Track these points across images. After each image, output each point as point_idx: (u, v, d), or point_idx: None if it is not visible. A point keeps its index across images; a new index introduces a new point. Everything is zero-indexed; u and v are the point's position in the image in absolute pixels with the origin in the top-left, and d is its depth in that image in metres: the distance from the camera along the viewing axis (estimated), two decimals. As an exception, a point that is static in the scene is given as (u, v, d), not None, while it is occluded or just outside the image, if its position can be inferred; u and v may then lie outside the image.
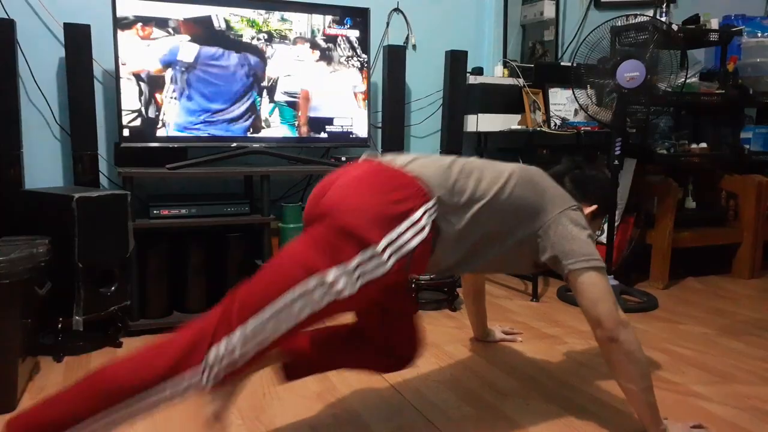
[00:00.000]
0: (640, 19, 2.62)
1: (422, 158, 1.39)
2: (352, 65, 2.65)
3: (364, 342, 1.53)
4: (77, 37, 2.24)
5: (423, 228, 1.24)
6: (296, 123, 2.58)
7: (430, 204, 1.28)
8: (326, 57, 2.59)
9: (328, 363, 1.60)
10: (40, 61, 2.40)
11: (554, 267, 1.45)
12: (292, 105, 2.56)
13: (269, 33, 2.47)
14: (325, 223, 1.23)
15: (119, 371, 1.14)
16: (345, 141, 2.69)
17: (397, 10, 3.03)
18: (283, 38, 2.50)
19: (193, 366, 1.12)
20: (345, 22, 2.61)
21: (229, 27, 2.40)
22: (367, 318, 1.52)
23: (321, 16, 2.56)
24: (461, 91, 2.88)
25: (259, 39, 2.45)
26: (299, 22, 2.52)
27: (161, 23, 2.29)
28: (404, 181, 1.29)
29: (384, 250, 1.19)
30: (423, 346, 1.58)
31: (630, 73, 2.44)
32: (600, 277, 1.40)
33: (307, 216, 1.34)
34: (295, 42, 2.52)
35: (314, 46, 2.56)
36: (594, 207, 1.61)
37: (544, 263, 1.48)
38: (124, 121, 2.29)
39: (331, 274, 1.16)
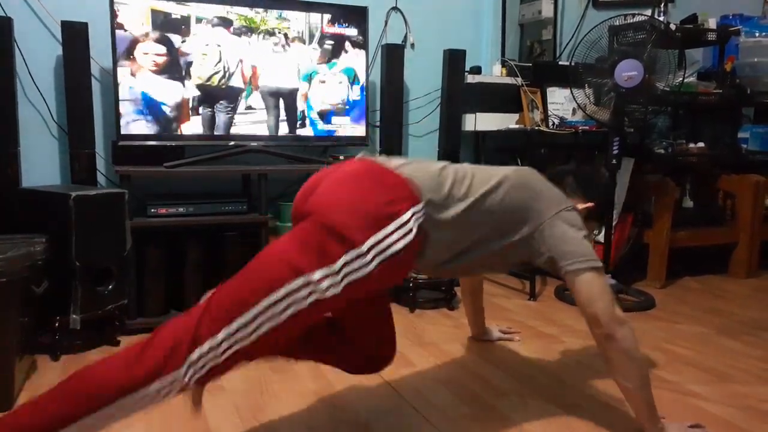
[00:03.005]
0: (638, 18, 2.62)
1: (415, 162, 1.39)
2: (351, 64, 2.64)
3: (339, 340, 1.53)
4: (75, 35, 2.23)
5: (410, 231, 1.23)
6: (294, 122, 2.57)
7: (418, 207, 1.27)
8: (324, 55, 2.59)
9: (299, 354, 1.58)
10: (38, 59, 2.40)
11: (551, 269, 1.46)
12: (291, 104, 2.55)
13: (267, 31, 2.47)
14: (313, 220, 1.22)
15: (102, 373, 1.13)
16: (343, 140, 2.69)
17: (395, 8, 3.03)
18: (282, 37, 2.50)
19: (176, 366, 1.11)
20: (343, 20, 2.60)
21: (227, 25, 2.39)
22: (343, 317, 1.52)
23: (319, 15, 2.56)
24: (459, 90, 2.88)
25: (257, 37, 2.45)
26: (297, 21, 2.52)
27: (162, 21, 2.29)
28: (395, 182, 1.29)
29: (369, 250, 1.18)
30: (394, 350, 1.58)
31: (628, 72, 2.44)
32: (597, 277, 1.40)
33: (296, 212, 1.34)
34: (293, 40, 2.52)
35: (312, 44, 2.56)
36: (591, 204, 1.61)
37: (534, 265, 1.49)
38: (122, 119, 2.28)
39: (317, 274, 1.16)
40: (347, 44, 2.62)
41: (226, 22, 2.39)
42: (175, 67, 2.33)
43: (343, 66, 2.62)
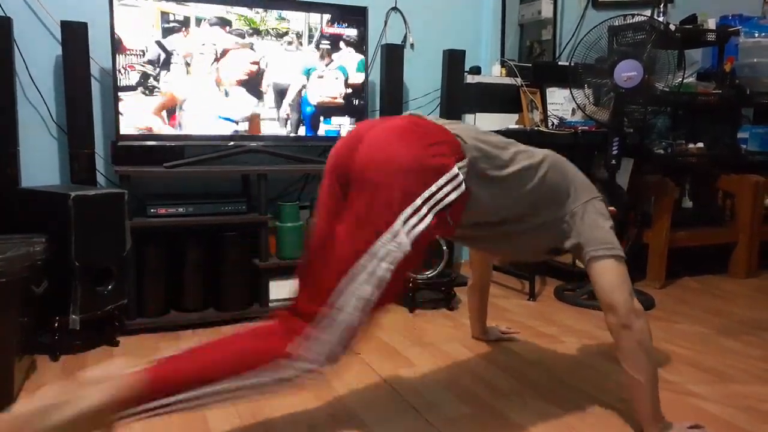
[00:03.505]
0: (637, 18, 2.63)
1: (462, 123, 1.43)
2: (350, 64, 2.64)
3: None
4: (74, 35, 2.23)
5: (460, 183, 1.26)
6: (294, 122, 2.57)
7: (464, 162, 1.28)
8: (324, 56, 2.59)
9: None
10: (37, 59, 2.40)
11: (575, 253, 1.49)
12: (290, 103, 2.55)
13: (267, 31, 2.47)
14: (366, 180, 1.22)
15: (243, 344, 1.18)
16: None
17: (395, 9, 3.03)
18: (281, 36, 2.50)
19: (300, 354, 1.15)
20: (343, 20, 2.60)
21: (227, 25, 2.39)
22: None
23: (319, 15, 2.56)
24: (459, 91, 2.88)
25: (257, 37, 2.45)
26: (297, 21, 2.52)
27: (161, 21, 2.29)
28: (443, 137, 1.30)
29: (423, 204, 1.20)
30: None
31: (627, 72, 2.44)
32: (619, 266, 1.42)
33: (338, 166, 1.32)
34: (292, 41, 2.52)
35: (312, 44, 2.55)
36: (613, 209, 1.64)
37: (561, 249, 1.52)
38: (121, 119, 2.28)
39: (381, 242, 1.18)
40: (347, 44, 2.62)
41: (224, 22, 2.39)
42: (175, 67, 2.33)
43: (342, 66, 2.62)
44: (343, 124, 2.66)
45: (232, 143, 2.46)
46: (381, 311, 1.22)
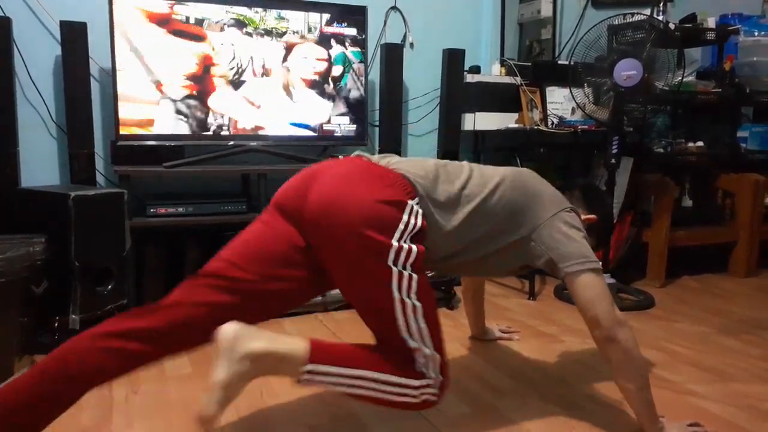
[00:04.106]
0: (637, 17, 2.62)
1: (406, 160, 1.45)
2: (350, 63, 2.64)
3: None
4: (74, 35, 2.23)
5: (418, 212, 1.33)
6: (293, 121, 2.57)
7: (416, 201, 1.33)
8: (323, 55, 2.59)
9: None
10: (37, 59, 2.39)
11: (550, 270, 1.46)
12: (289, 103, 2.55)
13: (266, 31, 2.47)
14: (342, 244, 1.27)
15: (380, 352, 1.32)
16: (342, 139, 2.69)
17: (394, 8, 3.02)
18: (280, 36, 2.50)
19: (422, 374, 1.31)
20: (342, 20, 2.60)
21: (226, 24, 2.39)
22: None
23: (318, 14, 2.55)
24: (459, 90, 2.88)
25: (256, 37, 2.45)
26: (296, 20, 2.52)
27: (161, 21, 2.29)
28: (392, 176, 1.35)
29: (400, 240, 1.27)
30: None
31: (627, 71, 2.44)
32: (596, 278, 1.41)
33: (287, 209, 1.37)
34: (291, 40, 2.52)
35: (311, 44, 2.55)
36: (593, 216, 1.62)
37: (534, 266, 1.50)
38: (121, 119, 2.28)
39: (394, 276, 1.27)
40: (346, 44, 2.62)
41: (223, 22, 2.39)
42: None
43: (342, 65, 2.62)
44: (342, 124, 2.66)
45: (231, 143, 2.45)
46: (437, 328, 1.33)
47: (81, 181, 2.29)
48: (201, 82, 2.38)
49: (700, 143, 3.09)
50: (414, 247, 1.28)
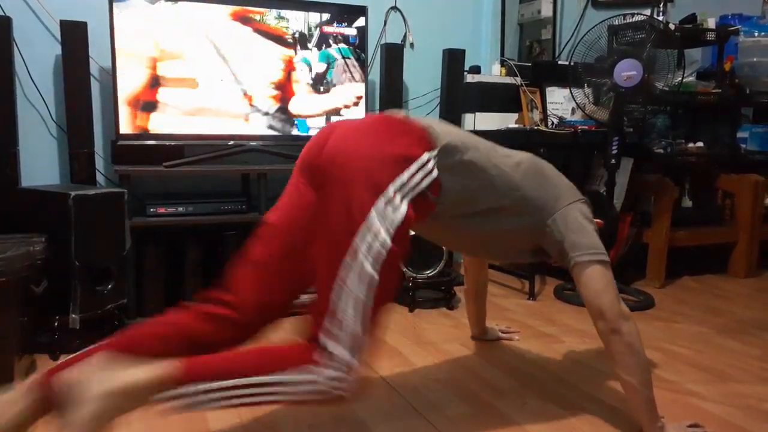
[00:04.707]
0: (637, 18, 2.63)
1: (438, 121, 1.42)
2: (350, 63, 2.64)
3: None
4: (74, 34, 2.23)
5: (432, 169, 1.26)
6: (293, 121, 2.57)
7: (434, 152, 1.28)
8: (323, 55, 2.59)
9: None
10: (37, 59, 2.39)
11: (559, 257, 1.47)
12: (289, 103, 2.55)
13: (266, 30, 2.47)
14: (336, 177, 1.21)
15: (272, 348, 1.20)
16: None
17: (394, 8, 3.02)
18: (280, 36, 2.49)
19: (322, 362, 1.15)
20: (342, 20, 2.60)
21: (226, 25, 2.39)
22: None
23: (318, 14, 2.56)
24: (459, 90, 2.88)
25: (256, 36, 2.45)
26: (296, 20, 2.52)
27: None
28: (410, 127, 1.31)
29: (395, 194, 1.20)
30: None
31: (627, 72, 2.44)
32: (604, 270, 1.41)
33: (306, 163, 1.33)
34: (291, 40, 2.52)
35: (311, 44, 2.55)
36: (600, 221, 1.62)
37: (544, 253, 1.50)
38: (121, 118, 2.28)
39: (359, 239, 1.16)
40: (346, 44, 2.62)
41: (222, 21, 2.39)
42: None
43: (341, 66, 2.62)
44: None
45: (231, 142, 2.45)
46: (381, 312, 1.21)
47: (81, 181, 2.29)
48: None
49: (700, 144, 3.09)
50: (404, 208, 1.20)
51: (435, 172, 1.26)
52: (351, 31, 2.62)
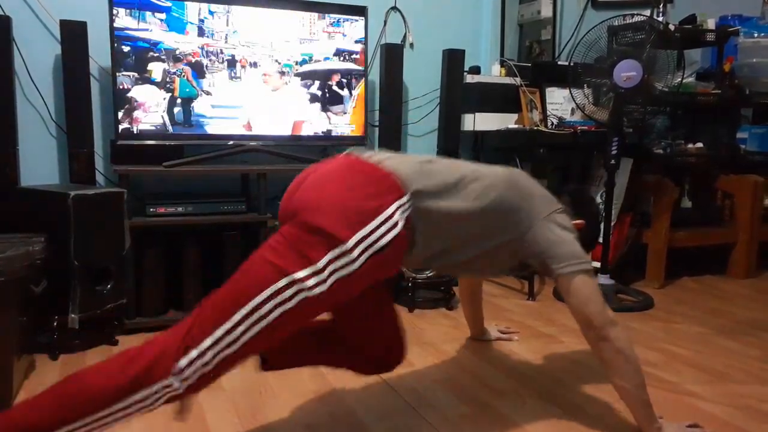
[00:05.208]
0: (637, 18, 2.63)
1: (400, 156, 1.38)
2: (350, 63, 2.64)
3: (339, 342, 1.54)
4: (73, 34, 2.23)
5: (396, 224, 1.22)
6: (293, 121, 2.57)
7: (404, 200, 1.25)
8: (323, 55, 2.59)
9: (301, 359, 1.60)
10: (36, 59, 2.39)
11: (542, 270, 1.47)
12: (289, 103, 2.55)
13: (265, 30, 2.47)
14: (296, 220, 1.22)
15: (93, 379, 1.13)
16: (342, 139, 2.69)
17: (394, 8, 3.02)
18: (280, 36, 2.49)
19: (162, 375, 1.11)
20: (342, 20, 2.60)
21: (226, 25, 2.39)
22: (343, 318, 1.52)
23: (318, 14, 2.55)
24: (458, 90, 2.88)
25: (255, 36, 2.45)
26: (296, 20, 2.51)
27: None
28: (378, 175, 1.27)
29: (355, 247, 1.18)
30: (404, 351, 1.58)
31: (627, 72, 2.44)
32: (588, 279, 1.42)
33: (282, 212, 1.33)
34: (291, 40, 2.52)
35: (311, 44, 2.55)
36: (581, 222, 1.62)
37: (529, 265, 1.50)
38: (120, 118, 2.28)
39: (301, 273, 1.15)
40: (346, 44, 2.62)
41: (222, 21, 2.39)
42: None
43: (341, 65, 2.62)
44: (341, 124, 2.66)
45: (231, 142, 2.45)
46: (256, 345, 1.18)
47: (81, 181, 2.29)
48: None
49: (699, 144, 3.09)
50: (360, 263, 1.18)
51: (399, 227, 1.22)
52: (351, 31, 2.62)
